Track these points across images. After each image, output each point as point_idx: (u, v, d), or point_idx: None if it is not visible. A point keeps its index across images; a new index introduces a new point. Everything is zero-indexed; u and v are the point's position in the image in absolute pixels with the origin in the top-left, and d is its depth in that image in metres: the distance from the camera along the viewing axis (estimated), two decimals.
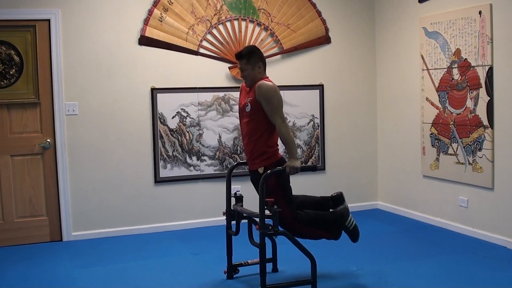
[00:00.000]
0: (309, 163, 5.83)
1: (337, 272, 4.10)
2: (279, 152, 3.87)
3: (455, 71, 5.01)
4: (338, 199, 4.01)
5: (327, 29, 5.86)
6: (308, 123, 5.86)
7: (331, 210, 3.99)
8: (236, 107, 5.52)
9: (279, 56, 5.69)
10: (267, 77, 3.85)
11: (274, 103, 3.67)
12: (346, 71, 6.00)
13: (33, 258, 4.61)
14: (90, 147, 5.16)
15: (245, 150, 3.89)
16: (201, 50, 5.44)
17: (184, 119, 5.42)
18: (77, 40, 5.05)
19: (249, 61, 3.76)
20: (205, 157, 5.51)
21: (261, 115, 3.71)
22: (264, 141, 3.75)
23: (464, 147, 4.98)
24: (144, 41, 5.24)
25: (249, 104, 3.74)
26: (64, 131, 5.06)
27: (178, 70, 5.38)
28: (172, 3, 5.28)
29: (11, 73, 4.92)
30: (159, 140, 5.35)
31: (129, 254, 4.68)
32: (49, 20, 4.95)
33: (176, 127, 5.40)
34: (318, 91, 5.88)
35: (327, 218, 3.87)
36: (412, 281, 3.90)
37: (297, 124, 5.78)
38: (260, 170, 3.72)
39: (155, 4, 5.23)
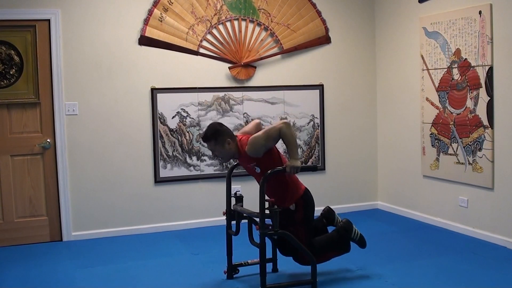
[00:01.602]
0: (309, 163, 5.83)
1: (337, 272, 4.10)
2: (301, 183, 3.87)
3: (455, 71, 5.01)
4: (329, 214, 4.09)
5: (327, 29, 5.86)
6: (308, 123, 5.86)
7: (333, 223, 4.08)
8: (236, 107, 5.54)
9: (279, 56, 5.69)
10: (238, 139, 3.76)
11: (269, 135, 3.62)
12: (346, 71, 6.00)
13: (33, 258, 4.61)
14: (90, 147, 5.16)
15: (268, 195, 3.78)
16: (201, 50, 5.44)
17: (184, 119, 5.42)
18: (77, 40, 5.05)
19: (217, 141, 3.70)
20: (205, 157, 5.51)
21: (270, 165, 3.68)
22: (285, 184, 3.76)
23: (464, 147, 4.98)
24: (144, 41, 5.24)
25: (257, 167, 3.73)
26: (64, 131, 5.06)
27: (178, 70, 5.38)
28: (172, 3, 5.28)
29: (11, 73, 4.92)
30: (159, 140, 5.35)
31: (129, 254, 4.68)
32: (49, 20, 4.95)
33: (176, 127, 5.40)
34: (318, 91, 5.88)
35: (335, 239, 3.93)
36: (412, 281, 3.90)
37: (297, 124, 5.78)
38: (292, 207, 3.75)
39: (155, 4, 5.23)
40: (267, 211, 3.61)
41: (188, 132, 5.44)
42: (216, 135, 3.70)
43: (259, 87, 5.64)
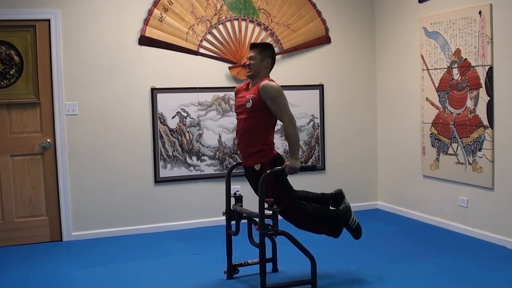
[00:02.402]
0: (309, 163, 5.83)
1: (337, 272, 4.10)
2: (275, 150, 3.87)
3: (455, 71, 5.01)
4: (339, 196, 4.05)
5: (327, 29, 5.86)
6: (308, 123, 5.86)
7: (332, 208, 4.02)
8: None
9: (279, 56, 5.68)
10: (269, 77, 3.85)
11: (281, 102, 3.69)
12: (346, 71, 6.00)
13: (33, 258, 4.61)
14: (90, 147, 5.16)
15: (239, 145, 3.89)
16: (201, 50, 5.44)
17: (184, 119, 5.42)
18: (77, 40, 5.05)
19: (261, 52, 3.80)
20: (205, 157, 5.51)
21: (261, 113, 3.71)
22: (262, 139, 3.75)
23: (464, 147, 4.98)
24: (144, 41, 5.24)
25: (250, 100, 3.73)
26: (64, 131, 5.06)
27: (178, 70, 5.38)
28: (172, 3, 5.28)
29: (11, 73, 4.92)
30: (159, 140, 5.35)
31: (129, 254, 4.68)
32: (49, 20, 4.95)
33: (176, 127, 5.40)
34: (318, 91, 5.88)
35: (331, 214, 3.91)
36: (412, 281, 3.90)
37: (297, 124, 5.75)
38: (257, 167, 3.72)
39: (155, 4, 5.23)
40: (267, 212, 3.61)
41: (188, 132, 5.44)
42: (266, 48, 3.86)
43: None
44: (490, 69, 4.64)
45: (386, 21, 5.92)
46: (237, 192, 4.00)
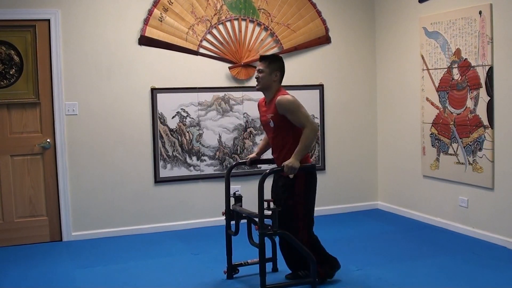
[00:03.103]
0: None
1: (337, 272, 4.09)
2: (310, 158, 3.88)
3: (455, 71, 5.01)
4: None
5: (327, 29, 5.86)
6: None
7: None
8: (237, 107, 5.55)
9: None
10: (282, 88, 3.85)
11: (300, 114, 3.68)
12: (346, 71, 6.00)
13: (33, 258, 4.61)
14: (90, 147, 5.16)
15: (277, 160, 3.86)
16: (201, 50, 5.44)
17: (184, 119, 5.42)
18: (77, 40, 5.05)
19: (269, 65, 3.80)
20: (205, 157, 5.51)
21: (286, 128, 3.73)
22: (295, 149, 3.74)
23: (464, 147, 4.97)
24: (144, 41, 5.24)
25: (271, 120, 3.77)
26: (64, 131, 5.06)
27: (178, 70, 5.38)
28: (172, 3, 5.28)
29: (11, 73, 4.92)
30: (159, 140, 5.35)
31: (129, 254, 4.68)
32: (49, 20, 4.95)
33: (176, 127, 5.40)
34: (318, 91, 5.88)
35: (325, 257, 3.89)
36: (412, 281, 3.90)
37: None
38: (291, 175, 3.71)
39: (155, 4, 5.23)
40: (267, 212, 3.61)
41: (188, 132, 5.44)
42: (275, 61, 3.85)
43: None
44: (490, 69, 4.64)
45: (386, 21, 5.92)
46: (236, 192, 4.00)
